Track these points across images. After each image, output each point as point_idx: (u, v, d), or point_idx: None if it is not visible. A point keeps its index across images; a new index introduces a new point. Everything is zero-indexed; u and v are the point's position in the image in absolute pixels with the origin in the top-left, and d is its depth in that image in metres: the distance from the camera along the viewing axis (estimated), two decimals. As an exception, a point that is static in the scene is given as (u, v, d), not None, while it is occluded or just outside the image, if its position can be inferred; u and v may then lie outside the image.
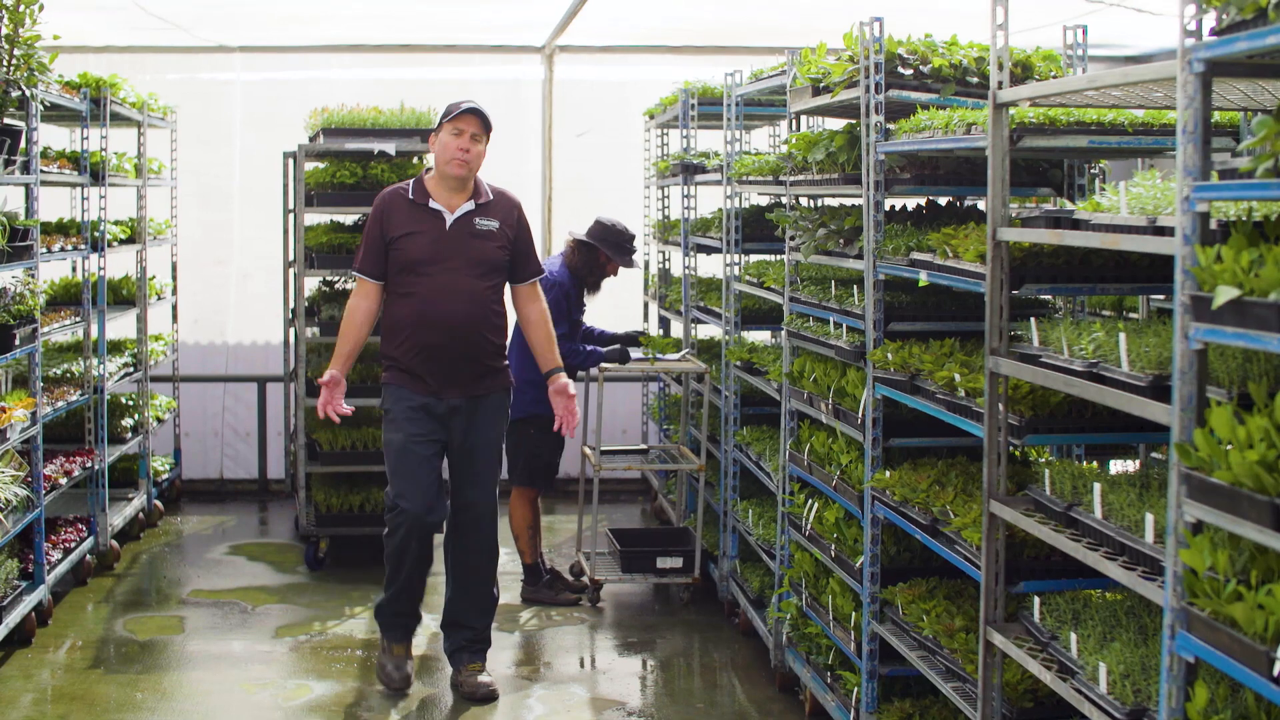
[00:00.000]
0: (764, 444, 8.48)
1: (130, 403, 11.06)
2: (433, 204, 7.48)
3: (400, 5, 10.68)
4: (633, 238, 9.60)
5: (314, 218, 10.64)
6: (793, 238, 7.62)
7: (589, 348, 9.42)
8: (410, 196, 7.53)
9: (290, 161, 10.88)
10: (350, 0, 10.59)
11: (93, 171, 9.89)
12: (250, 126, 12.80)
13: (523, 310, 7.81)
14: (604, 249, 9.39)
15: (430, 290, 7.41)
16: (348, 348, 7.60)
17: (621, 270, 9.70)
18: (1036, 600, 5.05)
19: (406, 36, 12.40)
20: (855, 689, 6.61)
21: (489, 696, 7.61)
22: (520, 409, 8.94)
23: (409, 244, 7.45)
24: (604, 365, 9.35)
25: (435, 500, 7.53)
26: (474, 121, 7.42)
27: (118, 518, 10.27)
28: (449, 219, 7.48)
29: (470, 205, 7.52)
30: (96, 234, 9.95)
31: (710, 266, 10.76)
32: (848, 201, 7.71)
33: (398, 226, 7.48)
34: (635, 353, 9.78)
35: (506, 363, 7.72)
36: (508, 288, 7.77)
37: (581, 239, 9.45)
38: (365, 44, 12.61)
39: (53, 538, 9.01)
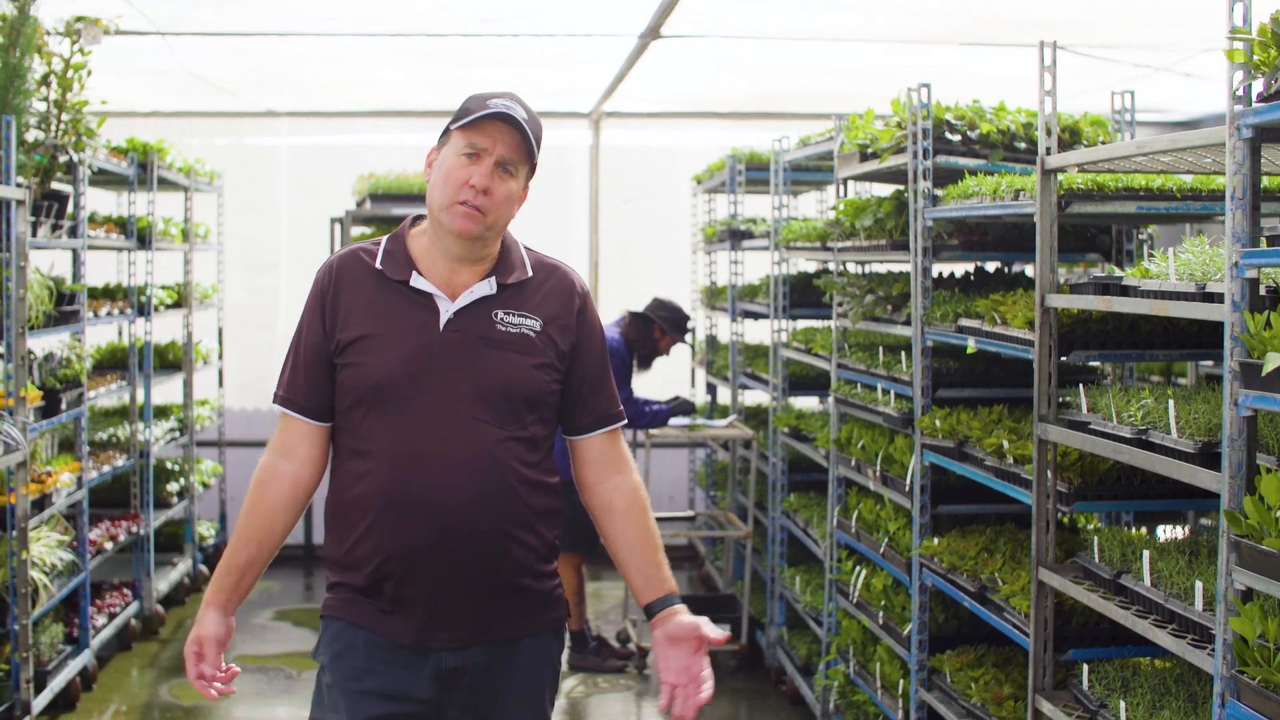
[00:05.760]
0: (811, 511, 8.45)
1: (176, 468, 11.08)
2: (418, 281, 3.84)
3: (446, 71, 10.74)
4: (688, 318, 9.62)
5: (360, 283, 10.64)
6: (840, 304, 7.61)
7: (654, 406, 9.39)
8: (378, 265, 3.90)
9: (337, 227, 10.91)
10: (396, 66, 10.65)
11: (140, 236, 9.96)
12: (297, 191, 12.89)
13: (595, 486, 4.11)
14: (660, 322, 9.39)
15: (404, 445, 3.74)
16: (239, 560, 3.89)
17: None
18: (1085, 668, 5.01)
19: (453, 102, 12.34)
20: (902, 759, 6.55)
21: None
22: (564, 471, 8.84)
23: (366, 356, 3.80)
24: (650, 431, 9.35)
25: None
26: (506, 136, 4.12)
27: (163, 583, 10.29)
28: (445, 311, 3.82)
29: (487, 288, 3.86)
30: (143, 299, 10.01)
31: (758, 332, 10.75)
32: (895, 268, 7.70)
33: (351, 321, 3.85)
34: (683, 420, 9.76)
35: (556, 581, 4.02)
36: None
37: (637, 312, 9.47)
38: (412, 110, 12.67)
39: (98, 602, 9.04)
